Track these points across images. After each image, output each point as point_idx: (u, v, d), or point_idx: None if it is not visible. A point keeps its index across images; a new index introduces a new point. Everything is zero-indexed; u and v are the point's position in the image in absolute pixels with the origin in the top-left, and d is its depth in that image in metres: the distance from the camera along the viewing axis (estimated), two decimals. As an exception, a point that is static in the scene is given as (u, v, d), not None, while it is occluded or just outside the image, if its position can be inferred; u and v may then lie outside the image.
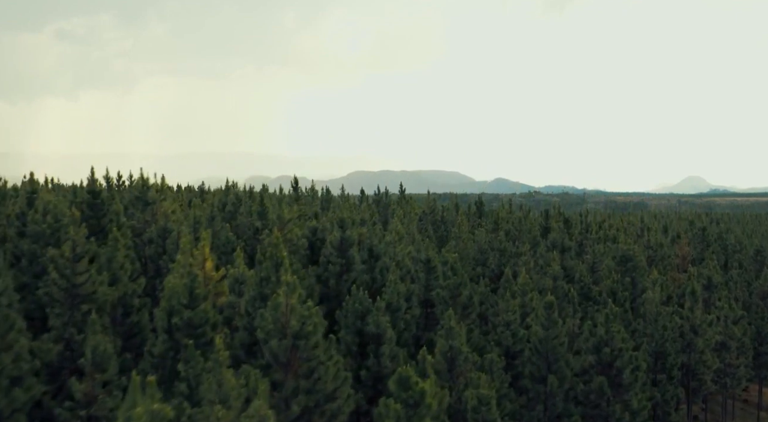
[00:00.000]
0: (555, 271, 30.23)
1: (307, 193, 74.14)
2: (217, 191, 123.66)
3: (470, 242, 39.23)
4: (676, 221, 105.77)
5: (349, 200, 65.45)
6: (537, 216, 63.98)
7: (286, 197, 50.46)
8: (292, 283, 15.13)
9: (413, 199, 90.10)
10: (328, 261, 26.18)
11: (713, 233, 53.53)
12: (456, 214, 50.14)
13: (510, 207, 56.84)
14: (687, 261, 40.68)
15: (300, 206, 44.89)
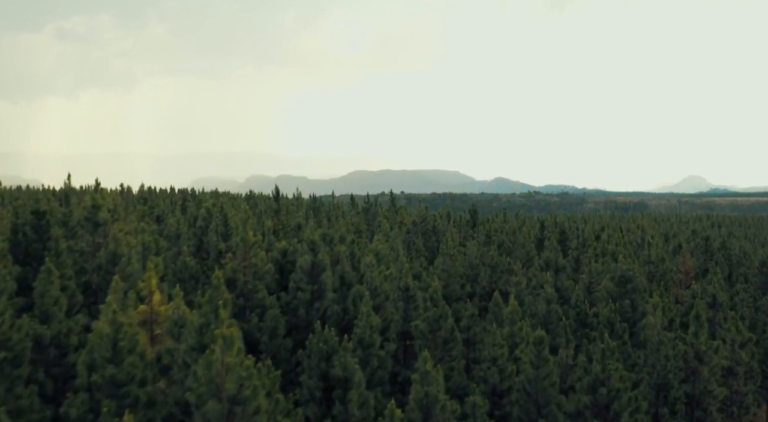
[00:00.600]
0: (548, 294, 27.84)
1: (293, 200, 71.68)
2: (213, 194, 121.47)
3: (461, 255, 36.93)
4: (677, 224, 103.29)
5: (339, 207, 62.84)
6: (533, 224, 61.59)
7: (265, 206, 47.70)
8: (229, 336, 12.79)
9: (405, 206, 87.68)
10: (297, 287, 23.83)
11: (716, 241, 51.01)
12: (448, 223, 47.73)
13: (504, 216, 54.31)
14: (690, 277, 38.27)
15: (282, 217, 42.52)
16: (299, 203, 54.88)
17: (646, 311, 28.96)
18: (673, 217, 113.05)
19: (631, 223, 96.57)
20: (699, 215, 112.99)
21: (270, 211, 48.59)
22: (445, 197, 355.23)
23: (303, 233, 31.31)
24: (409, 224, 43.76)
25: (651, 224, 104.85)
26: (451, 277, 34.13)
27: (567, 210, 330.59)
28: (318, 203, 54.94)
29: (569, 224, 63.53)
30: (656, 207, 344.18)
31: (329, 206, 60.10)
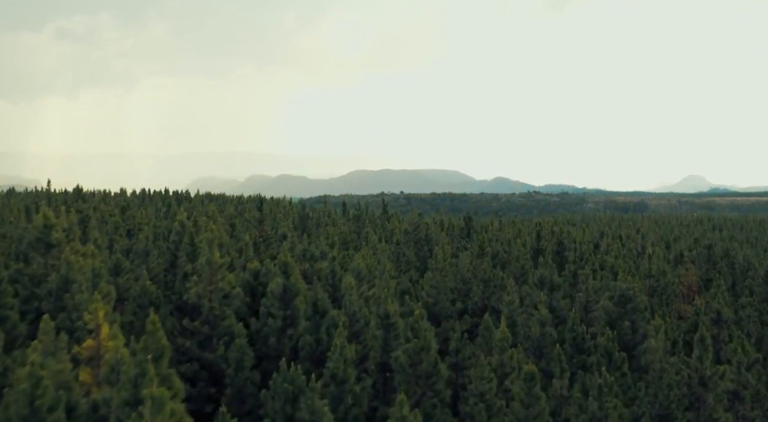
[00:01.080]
0: (542, 315, 25.95)
1: (284, 204, 69.72)
2: (208, 196, 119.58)
3: (453, 268, 35.03)
4: (677, 228, 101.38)
5: (331, 213, 60.70)
6: (530, 230, 59.68)
7: (246, 215, 45.54)
8: (159, 398, 10.90)
9: (400, 211, 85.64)
10: (268, 313, 21.94)
11: (718, 247, 48.98)
12: (441, 231, 45.69)
13: (500, 224, 52.27)
14: (693, 291, 36.37)
15: (265, 228, 40.59)
16: (287, 211, 52.84)
17: (647, 332, 27.08)
18: (674, 220, 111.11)
19: (631, 228, 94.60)
20: (700, 217, 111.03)
21: (255, 220, 46.80)
22: (444, 197, 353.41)
23: (284, 247, 29.45)
24: (401, 233, 41.87)
25: (651, 226, 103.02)
26: (440, 293, 32.27)
27: (567, 210, 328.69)
28: (307, 210, 52.92)
29: (567, 231, 61.60)
30: (656, 207, 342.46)
31: (320, 212, 58.08)
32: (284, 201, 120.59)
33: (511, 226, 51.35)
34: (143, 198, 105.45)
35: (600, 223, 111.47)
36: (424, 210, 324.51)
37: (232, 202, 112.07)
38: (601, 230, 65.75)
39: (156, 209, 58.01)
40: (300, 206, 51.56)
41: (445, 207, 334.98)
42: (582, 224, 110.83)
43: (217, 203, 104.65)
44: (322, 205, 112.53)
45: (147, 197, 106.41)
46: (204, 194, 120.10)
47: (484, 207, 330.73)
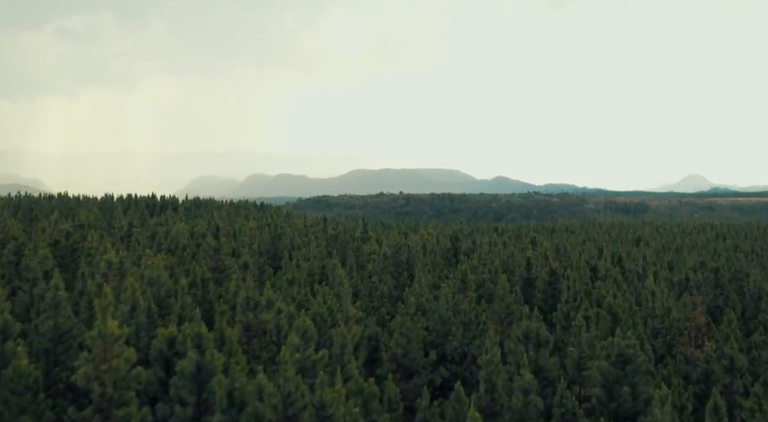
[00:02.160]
0: (526, 381, 21.64)
1: (264, 217, 65.02)
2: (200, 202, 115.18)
3: (432, 303, 30.64)
4: (680, 236, 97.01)
5: (309, 230, 55.42)
6: (524, 246, 55.32)
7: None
8: None
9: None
10: (178, 398, 17.60)
11: (727, 271, 44.38)
12: (425, 255, 40.91)
13: (490, 246, 47.51)
14: (702, 333, 31.97)
15: (222, 257, 36.11)
16: (257, 231, 47.93)
17: (650, 398, 22.75)
18: (675, 227, 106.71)
19: (631, 239, 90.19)
20: (702, 225, 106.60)
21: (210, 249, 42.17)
22: (444, 197, 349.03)
23: (220, 304, 25.04)
24: (380, 256, 37.38)
25: (653, 234, 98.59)
26: (411, 342, 27.91)
27: (567, 211, 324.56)
28: (281, 230, 48.01)
29: (564, 247, 57.09)
30: (657, 208, 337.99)
31: (295, 231, 53.09)
32: (270, 209, 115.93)
33: (502, 247, 46.60)
34: (129, 204, 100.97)
35: (599, 230, 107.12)
36: (423, 211, 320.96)
37: (220, 209, 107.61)
38: (599, 245, 61.12)
39: (116, 230, 53.00)
40: (273, 228, 46.55)
41: (444, 208, 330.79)
42: (581, 232, 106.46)
43: (203, 211, 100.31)
44: (317, 205, 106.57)
45: (132, 203, 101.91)
46: (192, 200, 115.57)
47: (483, 208, 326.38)
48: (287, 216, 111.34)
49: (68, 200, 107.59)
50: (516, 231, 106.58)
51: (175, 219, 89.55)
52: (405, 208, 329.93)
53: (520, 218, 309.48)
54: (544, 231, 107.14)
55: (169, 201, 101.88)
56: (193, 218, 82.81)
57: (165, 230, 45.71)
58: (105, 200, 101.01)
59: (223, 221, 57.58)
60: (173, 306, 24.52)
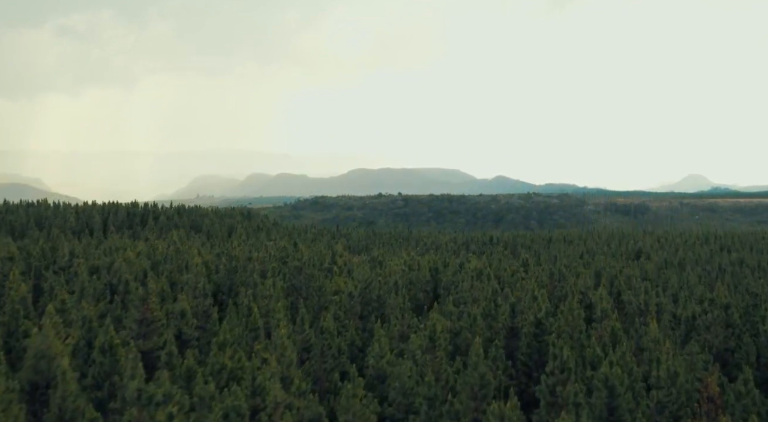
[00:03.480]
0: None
1: (254, 224, 61.39)
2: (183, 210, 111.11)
3: (395, 368, 25.50)
4: (682, 249, 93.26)
5: (271, 256, 48.74)
6: (510, 274, 51.54)
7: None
8: None
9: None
10: None
11: (738, 308, 40.09)
12: (397, 294, 34.85)
13: (473, 281, 41.65)
14: (717, 405, 27.88)
15: (151, 307, 31.91)
16: (216, 259, 42.66)
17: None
18: (678, 238, 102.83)
19: (633, 259, 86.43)
20: (706, 234, 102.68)
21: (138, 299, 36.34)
22: (442, 199, 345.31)
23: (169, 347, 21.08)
24: (345, 295, 33.02)
25: (654, 246, 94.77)
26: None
27: (566, 212, 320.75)
28: (235, 262, 42.17)
29: (559, 271, 53.19)
30: (657, 209, 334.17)
31: (253, 267, 47.13)
32: (257, 217, 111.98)
33: (487, 280, 41.50)
34: (109, 213, 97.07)
35: (598, 241, 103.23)
36: (421, 213, 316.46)
37: (204, 218, 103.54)
38: (598, 268, 57.13)
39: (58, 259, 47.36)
40: (229, 259, 40.84)
41: (443, 209, 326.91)
42: (579, 242, 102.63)
43: (186, 220, 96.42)
44: (315, 206, 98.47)
45: (111, 212, 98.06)
46: (177, 208, 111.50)
47: (482, 210, 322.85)
48: (274, 225, 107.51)
49: (46, 208, 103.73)
50: (512, 241, 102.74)
51: (143, 236, 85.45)
52: (403, 210, 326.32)
53: (519, 220, 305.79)
54: (541, 242, 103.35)
55: (150, 210, 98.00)
56: (159, 238, 78.68)
57: (110, 261, 40.64)
58: (85, 209, 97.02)
59: (184, 243, 53.61)
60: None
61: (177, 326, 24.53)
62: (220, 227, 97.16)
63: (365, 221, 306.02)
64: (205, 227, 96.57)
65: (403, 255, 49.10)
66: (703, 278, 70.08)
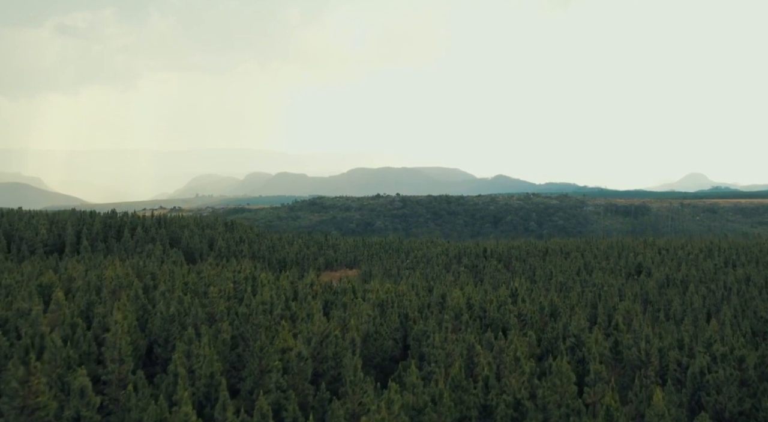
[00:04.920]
0: None
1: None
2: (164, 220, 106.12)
3: None
4: (685, 265, 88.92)
5: (222, 299, 43.34)
6: (495, 306, 47.09)
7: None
8: None
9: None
10: None
11: (753, 357, 35.31)
12: (354, 354, 28.03)
13: (447, 332, 36.33)
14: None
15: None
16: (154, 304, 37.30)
17: None
18: (680, 249, 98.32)
19: (633, 277, 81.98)
20: (710, 247, 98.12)
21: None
22: (441, 199, 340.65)
23: None
24: (294, 356, 27.43)
25: (655, 260, 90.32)
26: None
27: (566, 214, 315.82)
28: (174, 308, 36.71)
29: (550, 304, 48.72)
30: (658, 210, 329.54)
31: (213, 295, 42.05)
32: (241, 228, 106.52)
33: (471, 324, 36.37)
34: (82, 224, 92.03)
35: (597, 253, 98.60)
36: (420, 214, 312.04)
37: (183, 229, 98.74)
38: (594, 300, 52.63)
39: None
40: (166, 306, 34.92)
41: (441, 210, 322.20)
42: (577, 254, 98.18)
43: (159, 233, 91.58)
44: (313, 207, 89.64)
45: (85, 225, 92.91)
46: (157, 218, 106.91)
47: (481, 210, 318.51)
48: (258, 236, 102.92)
49: (22, 214, 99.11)
50: (506, 253, 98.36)
51: (116, 252, 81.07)
52: (401, 211, 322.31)
53: (518, 222, 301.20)
54: (537, 253, 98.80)
55: (127, 221, 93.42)
56: (131, 254, 74.12)
57: (27, 308, 35.53)
58: (58, 220, 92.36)
59: (140, 270, 48.83)
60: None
61: (76, 408, 20.02)
62: (200, 240, 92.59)
63: (363, 223, 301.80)
64: (184, 240, 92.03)
65: (376, 287, 44.25)
66: (707, 300, 65.61)
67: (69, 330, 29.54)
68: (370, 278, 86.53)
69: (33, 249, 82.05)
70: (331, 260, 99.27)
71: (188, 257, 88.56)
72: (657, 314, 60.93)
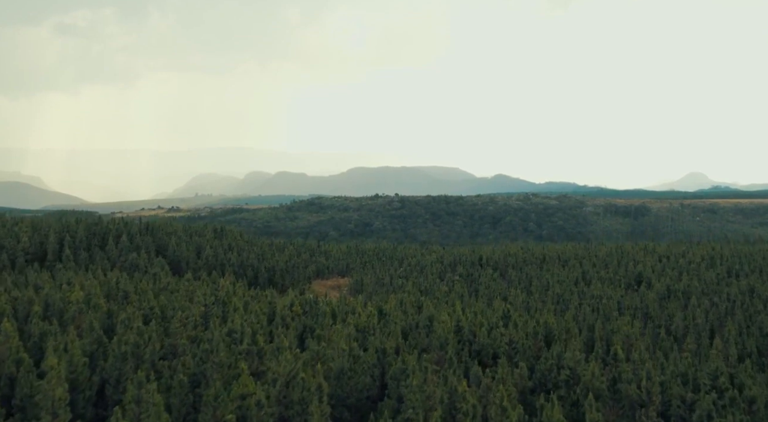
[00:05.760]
0: None
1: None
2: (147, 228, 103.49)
3: None
4: (686, 276, 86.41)
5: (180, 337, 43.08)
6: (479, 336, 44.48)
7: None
8: None
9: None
10: None
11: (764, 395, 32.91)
12: (320, 402, 24.49)
13: (428, 371, 33.81)
14: None
15: None
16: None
17: None
18: (681, 258, 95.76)
19: (633, 288, 79.42)
20: (712, 255, 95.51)
21: None
22: (440, 199, 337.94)
23: None
24: (254, 402, 24.13)
25: (656, 269, 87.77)
26: None
27: (565, 214, 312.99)
28: (124, 347, 34.74)
29: (541, 333, 46.15)
30: (658, 211, 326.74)
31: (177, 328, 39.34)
32: (231, 234, 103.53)
33: (457, 362, 33.51)
34: (66, 231, 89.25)
35: (596, 261, 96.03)
36: (418, 214, 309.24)
37: (170, 236, 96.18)
38: (591, 322, 50.04)
39: None
40: (119, 345, 32.33)
41: (440, 211, 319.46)
42: (575, 261, 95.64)
43: (143, 240, 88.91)
44: (311, 207, 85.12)
45: (68, 231, 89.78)
46: (145, 224, 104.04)
47: (480, 211, 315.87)
48: (248, 243, 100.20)
49: (4, 221, 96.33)
50: (503, 261, 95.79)
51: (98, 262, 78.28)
52: (400, 211, 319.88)
53: (517, 223, 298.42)
54: (535, 261, 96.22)
55: (112, 228, 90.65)
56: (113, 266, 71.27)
57: None
58: (41, 226, 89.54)
59: (114, 288, 46.25)
60: None
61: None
62: (187, 248, 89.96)
63: (361, 223, 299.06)
64: (171, 247, 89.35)
65: (361, 313, 41.49)
66: (710, 314, 63.02)
67: (13, 367, 26.90)
68: (361, 287, 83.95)
69: (13, 258, 79.43)
70: (323, 268, 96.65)
71: (174, 267, 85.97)
72: (658, 330, 58.31)
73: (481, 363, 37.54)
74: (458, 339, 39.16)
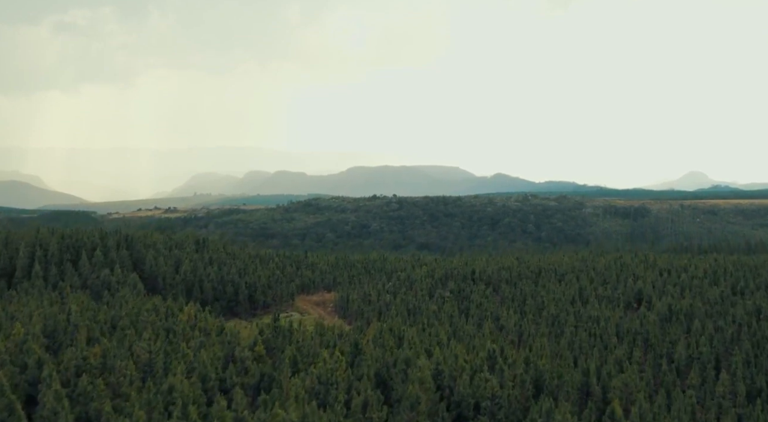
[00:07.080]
0: None
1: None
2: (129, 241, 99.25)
3: None
4: (688, 294, 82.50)
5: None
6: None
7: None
8: None
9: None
10: None
11: None
12: None
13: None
14: None
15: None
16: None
17: None
18: (683, 271, 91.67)
19: (633, 306, 75.29)
20: (715, 269, 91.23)
21: None
22: (438, 200, 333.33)
23: None
24: None
25: (657, 283, 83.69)
26: None
27: (564, 216, 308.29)
28: None
29: (534, 376, 42.06)
30: (658, 212, 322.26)
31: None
32: (215, 245, 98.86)
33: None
34: (37, 246, 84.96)
35: (594, 275, 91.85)
36: (416, 216, 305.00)
37: (148, 249, 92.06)
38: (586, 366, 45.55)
39: None
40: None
41: (438, 212, 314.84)
42: (572, 275, 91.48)
43: (125, 253, 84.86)
44: (308, 208, 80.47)
45: (40, 245, 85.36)
46: (125, 235, 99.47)
47: (479, 212, 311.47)
48: (230, 256, 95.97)
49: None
50: (496, 275, 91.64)
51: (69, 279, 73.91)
52: (398, 212, 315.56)
53: (516, 224, 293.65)
54: (530, 275, 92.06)
55: (86, 241, 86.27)
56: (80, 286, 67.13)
57: None
58: (12, 240, 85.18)
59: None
60: None
61: None
62: (165, 263, 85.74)
63: (358, 225, 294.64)
64: (148, 262, 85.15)
65: (327, 359, 37.25)
66: (715, 340, 58.97)
67: None
68: (347, 304, 79.86)
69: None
70: (308, 283, 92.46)
71: (150, 283, 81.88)
72: (659, 361, 54.26)
73: (461, 417, 33.42)
74: (437, 385, 35.11)
